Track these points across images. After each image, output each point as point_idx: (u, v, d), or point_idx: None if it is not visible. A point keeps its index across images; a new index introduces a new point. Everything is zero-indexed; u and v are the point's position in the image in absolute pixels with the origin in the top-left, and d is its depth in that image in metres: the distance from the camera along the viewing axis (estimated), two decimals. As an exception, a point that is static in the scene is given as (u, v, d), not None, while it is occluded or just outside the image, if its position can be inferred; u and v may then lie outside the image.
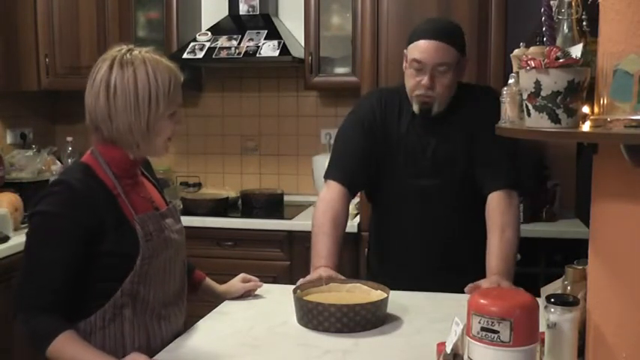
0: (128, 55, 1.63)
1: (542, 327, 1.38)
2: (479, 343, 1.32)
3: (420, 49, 2.11)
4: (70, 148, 3.73)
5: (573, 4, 1.41)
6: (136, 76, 1.60)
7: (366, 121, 2.27)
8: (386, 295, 1.87)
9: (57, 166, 3.57)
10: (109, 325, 1.63)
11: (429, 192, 2.24)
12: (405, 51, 2.20)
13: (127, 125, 1.61)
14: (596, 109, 1.27)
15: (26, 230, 1.64)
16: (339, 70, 3.56)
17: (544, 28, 1.43)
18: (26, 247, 1.62)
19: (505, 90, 1.55)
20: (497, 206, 2.15)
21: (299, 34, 3.65)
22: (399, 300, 1.96)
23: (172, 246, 1.73)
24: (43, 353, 1.55)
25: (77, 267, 1.58)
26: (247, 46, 3.47)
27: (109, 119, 1.62)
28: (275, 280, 2.87)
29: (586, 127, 1.28)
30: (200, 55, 3.50)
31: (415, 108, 2.19)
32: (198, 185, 3.95)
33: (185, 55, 3.51)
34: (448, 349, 1.41)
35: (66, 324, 1.56)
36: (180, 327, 1.79)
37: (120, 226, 1.62)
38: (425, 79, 2.12)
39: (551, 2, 1.43)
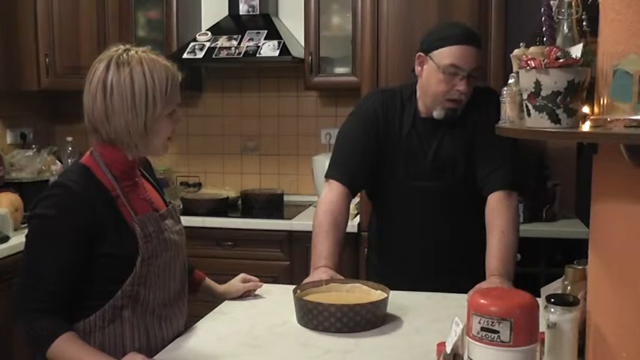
0: (125, 55, 1.62)
1: (542, 327, 1.38)
2: (479, 343, 1.32)
3: (458, 54, 2.10)
4: (70, 148, 3.73)
5: (573, 4, 1.41)
6: (133, 76, 1.60)
7: (367, 121, 2.27)
8: (386, 295, 1.87)
9: (57, 166, 3.57)
10: (109, 325, 1.63)
11: (429, 193, 2.24)
12: (420, 54, 2.18)
13: (124, 126, 1.61)
14: (596, 109, 1.27)
15: (26, 231, 1.64)
16: (339, 70, 3.56)
17: (544, 28, 1.43)
18: (25, 250, 1.62)
19: (505, 90, 1.55)
20: (496, 207, 2.15)
21: (299, 34, 3.65)
22: (399, 300, 1.96)
23: (172, 247, 1.73)
24: (44, 355, 1.55)
25: (76, 269, 1.58)
26: (247, 46, 3.47)
27: (106, 120, 1.61)
28: (275, 280, 2.87)
29: (586, 127, 1.28)
30: (200, 55, 3.50)
31: (439, 114, 2.18)
32: (198, 185, 3.96)
33: (185, 55, 3.51)
34: (448, 349, 1.41)
35: (66, 325, 1.56)
36: (181, 327, 1.79)
37: (119, 227, 1.62)
38: (462, 85, 2.12)
39: (551, 2, 1.43)
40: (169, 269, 1.72)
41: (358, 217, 3.26)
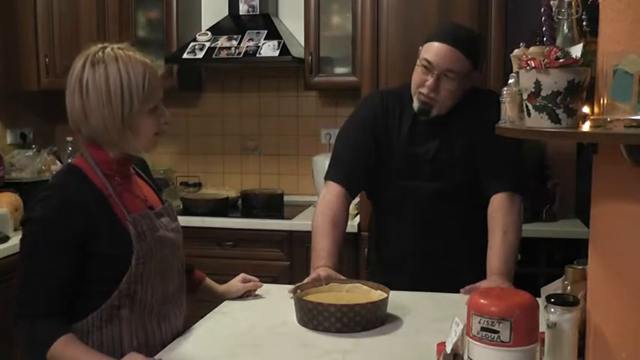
0: (100, 53, 1.63)
1: (542, 327, 1.38)
2: (479, 343, 1.32)
3: (434, 51, 2.11)
4: (70, 148, 3.72)
5: (573, 4, 1.41)
6: (108, 73, 1.59)
7: (367, 123, 2.27)
8: (386, 295, 1.87)
9: (57, 166, 3.57)
10: (107, 325, 1.62)
11: (428, 194, 2.24)
12: (420, 47, 2.21)
13: (102, 123, 1.60)
14: (596, 109, 1.27)
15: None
16: (339, 70, 3.56)
17: (544, 28, 1.43)
18: (21, 254, 1.62)
19: (505, 90, 1.54)
20: (499, 208, 2.15)
21: (299, 34, 3.65)
22: (399, 300, 1.96)
23: (168, 245, 1.72)
24: (43, 357, 1.54)
25: (72, 271, 1.58)
26: (247, 46, 3.46)
27: (85, 119, 1.62)
28: (275, 280, 2.87)
29: (586, 127, 1.28)
30: (200, 55, 3.50)
31: (415, 105, 2.19)
32: (198, 185, 3.96)
33: (185, 55, 3.51)
34: (448, 349, 1.41)
35: (64, 327, 1.56)
36: (180, 326, 1.79)
37: (113, 227, 1.61)
38: (430, 81, 2.12)
39: (551, 2, 1.43)
40: (166, 267, 1.72)
41: (358, 217, 3.26)
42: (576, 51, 1.31)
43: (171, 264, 1.74)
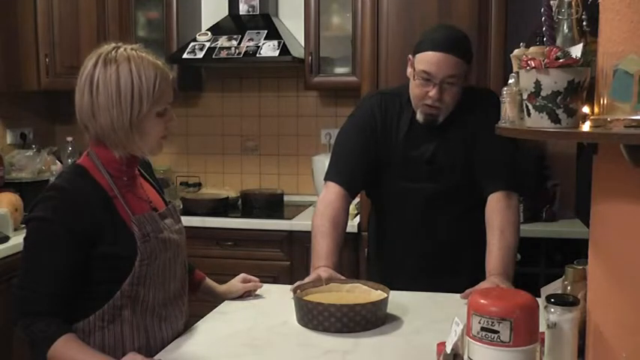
0: (113, 52, 1.62)
1: (542, 327, 1.38)
2: (479, 343, 1.32)
3: (430, 61, 2.08)
4: (70, 148, 3.72)
5: (573, 4, 1.41)
6: (119, 73, 1.59)
7: (366, 124, 2.27)
8: (386, 295, 1.87)
9: (57, 166, 3.57)
10: (108, 325, 1.63)
11: (427, 195, 2.24)
12: (410, 57, 2.19)
13: (109, 123, 1.60)
14: (596, 109, 1.27)
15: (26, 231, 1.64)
16: (339, 70, 3.55)
17: (544, 28, 1.43)
18: (23, 254, 1.61)
19: (505, 90, 1.55)
20: (496, 207, 2.15)
21: (299, 34, 3.65)
22: (399, 300, 1.96)
23: (171, 246, 1.72)
24: (44, 357, 1.54)
25: (75, 271, 1.58)
26: (247, 46, 3.47)
27: (92, 117, 1.61)
28: (275, 280, 2.88)
29: (586, 127, 1.28)
30: (200, 55, 3.50)
31: (420, 117, 2.18)
32: (198, 185, 3.96)
33: (185, 55, 3.51)
34: (448, 349, 1.41)
35: (65, 327, 1.56)
36: (181, 327, 1.79)
37: (117, 228, 1.61)
38: (433, 92, 2.10)
39: (551, 2, 1.43)
40: (169, 269, 1.72)
41: (358, 217, 3.26)
42: (576, 51, 1.31)
43: (174, 265, 1.74)
